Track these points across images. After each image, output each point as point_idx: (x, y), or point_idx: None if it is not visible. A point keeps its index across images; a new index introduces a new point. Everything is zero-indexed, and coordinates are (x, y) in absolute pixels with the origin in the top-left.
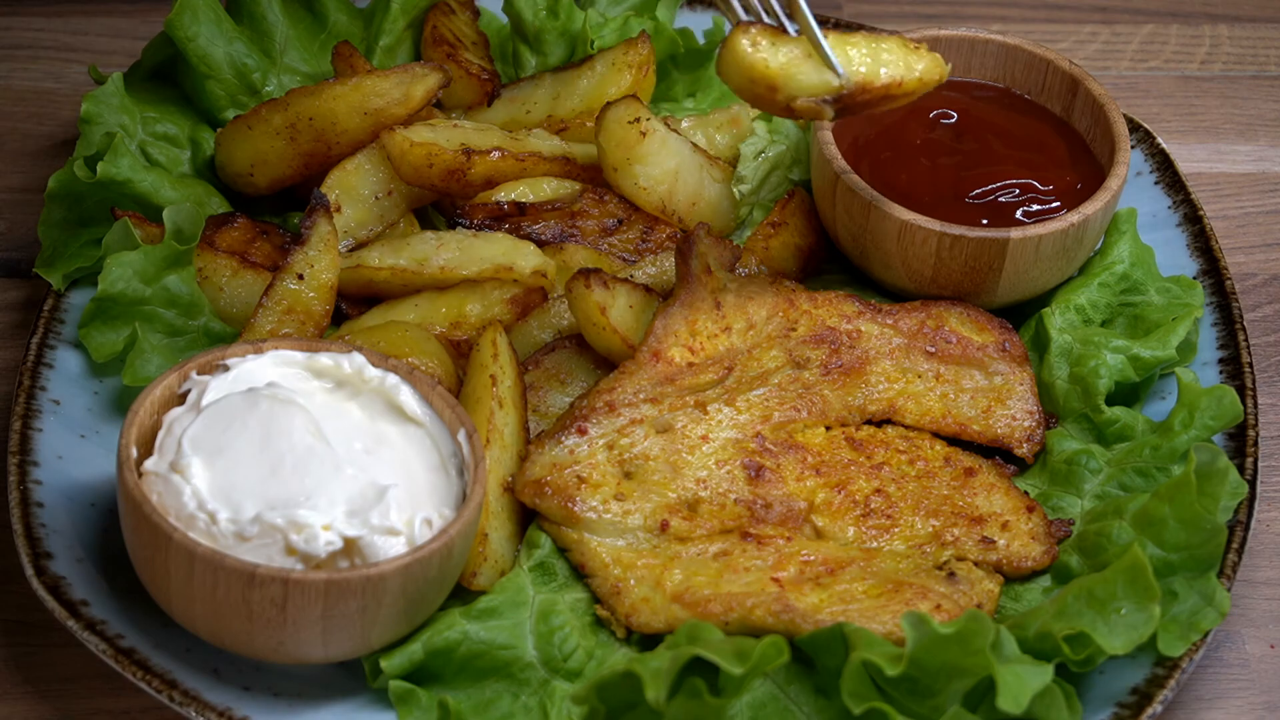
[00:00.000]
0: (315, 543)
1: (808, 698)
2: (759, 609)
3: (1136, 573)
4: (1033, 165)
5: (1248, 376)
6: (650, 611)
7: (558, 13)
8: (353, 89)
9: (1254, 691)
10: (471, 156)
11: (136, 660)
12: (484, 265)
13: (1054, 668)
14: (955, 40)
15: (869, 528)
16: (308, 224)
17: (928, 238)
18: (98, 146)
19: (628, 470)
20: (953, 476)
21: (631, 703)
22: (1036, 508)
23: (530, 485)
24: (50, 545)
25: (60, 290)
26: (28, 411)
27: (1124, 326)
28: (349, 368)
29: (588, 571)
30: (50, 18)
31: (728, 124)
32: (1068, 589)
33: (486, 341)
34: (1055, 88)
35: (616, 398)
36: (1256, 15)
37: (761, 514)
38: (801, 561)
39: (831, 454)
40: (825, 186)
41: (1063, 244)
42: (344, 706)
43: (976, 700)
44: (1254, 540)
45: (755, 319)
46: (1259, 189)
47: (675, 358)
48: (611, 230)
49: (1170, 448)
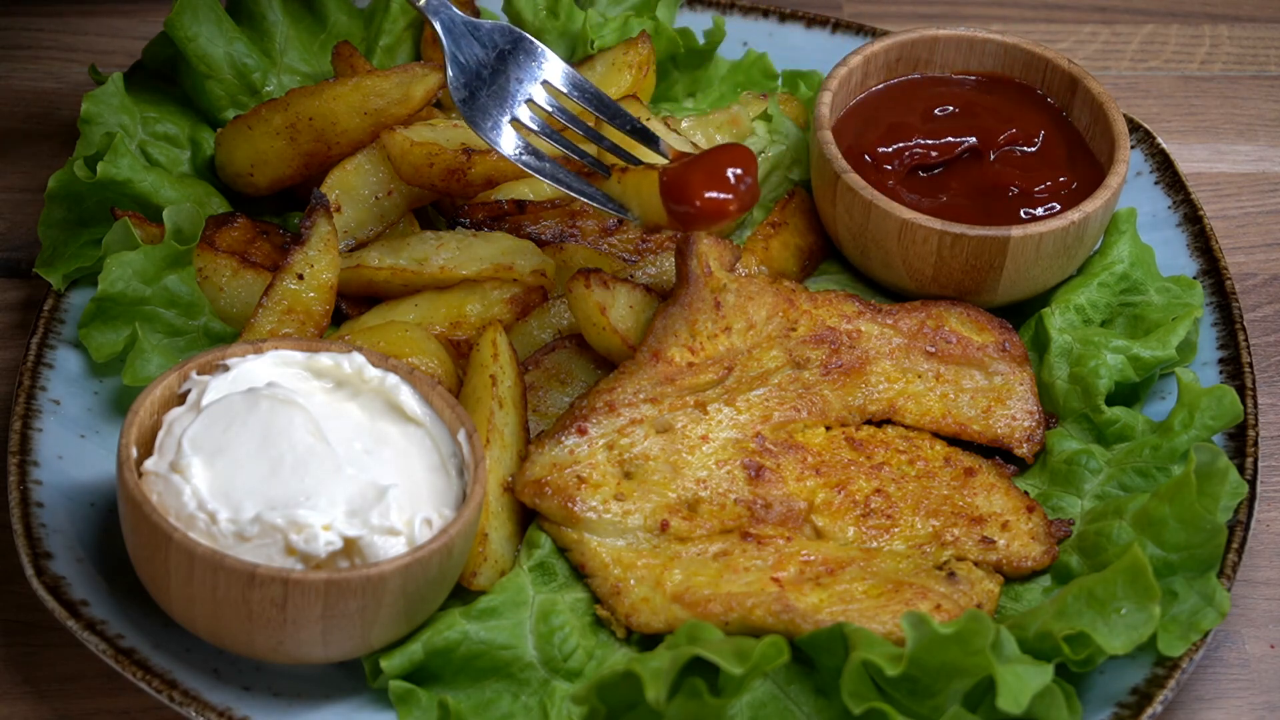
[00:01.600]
0: (315, 543)
1: (808, 698)
2: (759, 609)
3: (1136, 573)
4: (1033, 164)
5: (1248, 376)
6: (650, 611)
7: (558, 12)
8: (353, 89)
9: (1254, 691)
10: (471, 156)
11: (136, 660)
12: (483, 265)
13: (1054, 668)
14: (954, 40)
15: (869, 528)
16: (308, 224)
17: (928, 236)
18: (98, 146)
19: (628, 470)
20: (953, 476)
21: (631, 703)
22: (1036, 508)
23: (530, 485)
24: (50, 545)
25: (60, 290)
26: (28, 411)
27: (1124, 326)
28: (349, 368)
29: (588, 571)
30: (50, 18)
31: (728, 124)
32: (1068, 589)
33: (486, 341)
34: (1054, 87)
35: (616, 398)
36: (1256, 15)
37: (761, 514)
38: (801, 561)
39: (831, 454)
40: (825, 186)
41: (1063, 242)
42: (344, 706)
43: (976, 700)
44: (1254, 540)
45: (755, 319)
46: (1259, 189)
47: (675, 358)
48: (611, 230)
49: (1170, 448)
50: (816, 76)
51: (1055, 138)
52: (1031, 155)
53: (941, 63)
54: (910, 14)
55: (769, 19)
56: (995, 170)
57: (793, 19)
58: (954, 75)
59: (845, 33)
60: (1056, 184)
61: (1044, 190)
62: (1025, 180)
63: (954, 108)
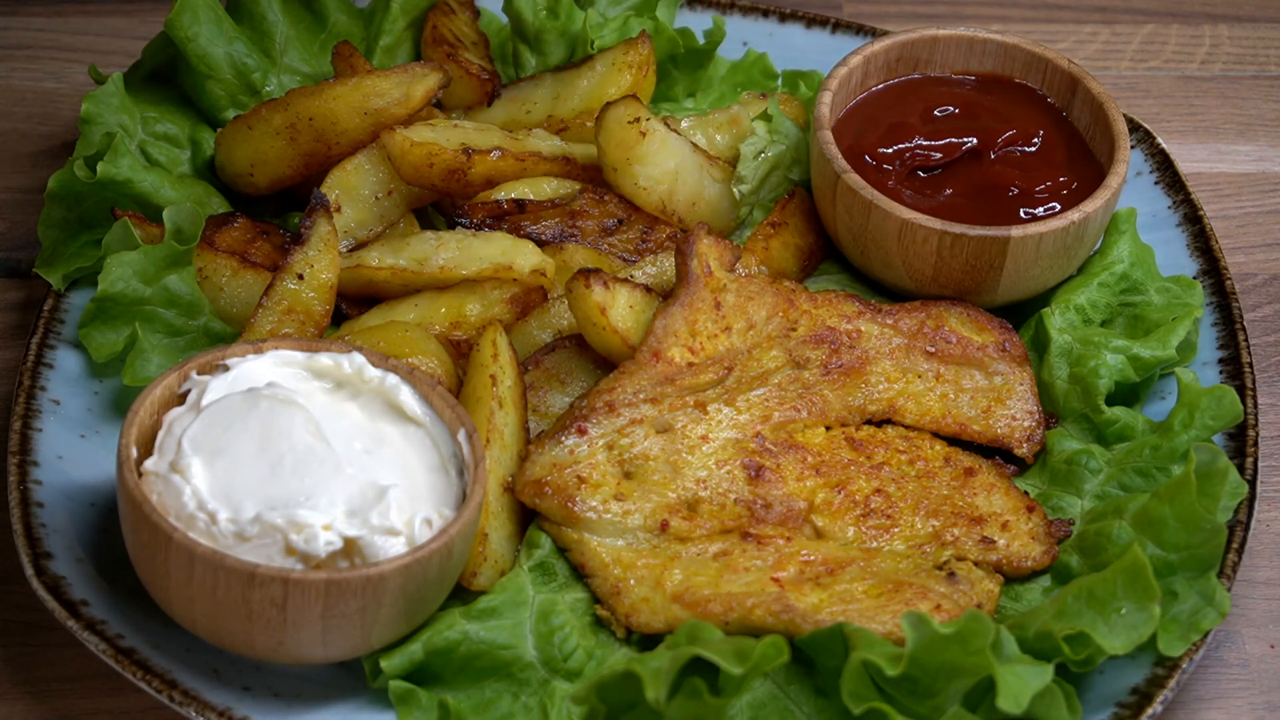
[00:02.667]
0: (315, 543)
1: (808, 698)
2: (759, 609)
3: (1136, 572)
4: (1033, 164)
5: (1248, 376)
6: (650, 611)
7: (558, 13)
8: (353, 89)
9: (1254, 691)
10: (472, 156)
11: (136, 660)
12: (483, 265)
13: (1054, 668)
14: (954, 39)
15: (869, 528)
16: (308, 224)
17: (929, 236)
18: (98, 146)
19: (628, 470)
20: (953, 476)
21: (631, 703)
22: (1036, 508)
23: (530, 485)
24: (50, 545)
25: (60, 290)
26: (28, 411)
27: (1124, 326)
28: (349, 368)
29: (588, 571)
30: (50, 18)
31: (727, 124)
32: (1068, 589)
33: (486, 341)
34: (1054, 86)
35: (616, 398)
36: (1256, 15)
37: (761, 514)
38: (801, 561)
39: (831, 454)
40: (825, 186)
41: (1063, 242)
42: (344, 706)
43: (976, 700)
44: (1254, 540)
45: (755, 319)
46: (1259, 189)
47: (675, 358)
48: (611, 230)
49: (1170, 448)
50: (816, 76)
51: (1055, 138)
52: (1031, 155)
53: (941, 63)
54: (910, 14)
55: (769, 19)
56: (995, 170)
57: (793, 19)
58: (954, 75)
59: (845, 33)
60: (1056, 184)
61: (1044, 190)
62: (1025, 180)
63: (954, 108)
